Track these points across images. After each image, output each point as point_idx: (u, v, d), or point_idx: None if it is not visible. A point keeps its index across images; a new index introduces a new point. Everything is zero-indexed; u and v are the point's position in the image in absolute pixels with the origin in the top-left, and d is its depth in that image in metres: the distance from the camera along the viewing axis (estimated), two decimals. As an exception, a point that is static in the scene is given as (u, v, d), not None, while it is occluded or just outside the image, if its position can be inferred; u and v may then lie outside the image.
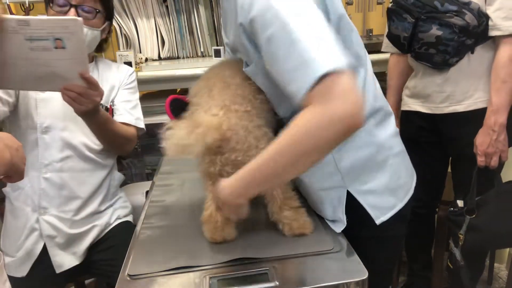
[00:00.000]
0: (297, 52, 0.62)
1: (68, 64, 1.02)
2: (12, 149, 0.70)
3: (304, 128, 0.63)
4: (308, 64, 0.61)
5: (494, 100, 1.30)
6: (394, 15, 1.41)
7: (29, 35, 0.96)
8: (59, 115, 1.23)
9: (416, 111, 1.52)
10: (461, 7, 1.26)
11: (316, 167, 0.86)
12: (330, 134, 0.62)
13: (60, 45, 0.98)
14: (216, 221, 0.83)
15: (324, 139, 0.63)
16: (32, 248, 1.23)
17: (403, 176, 0.93)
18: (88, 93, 1.06)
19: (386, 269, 1.03)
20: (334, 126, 0.61)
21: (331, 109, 0.61)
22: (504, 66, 1.28)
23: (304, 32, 0.62)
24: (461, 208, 1.42)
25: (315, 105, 0.62)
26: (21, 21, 0.94)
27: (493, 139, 1.32)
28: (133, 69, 1.42)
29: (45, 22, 0.96)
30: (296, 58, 0.63)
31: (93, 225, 1.29)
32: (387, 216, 0.88)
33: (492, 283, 1.92)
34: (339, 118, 0.61)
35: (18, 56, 0.99)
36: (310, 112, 0.62)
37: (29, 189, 1.23)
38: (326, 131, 0.62)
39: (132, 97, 1.38)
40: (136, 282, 0.75)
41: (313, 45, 0.62)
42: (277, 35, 0.64)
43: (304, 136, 0.63)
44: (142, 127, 1.38)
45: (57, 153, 1.22)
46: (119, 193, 1.42)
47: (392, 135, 0.91)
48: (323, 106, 0.61)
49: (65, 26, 0.96)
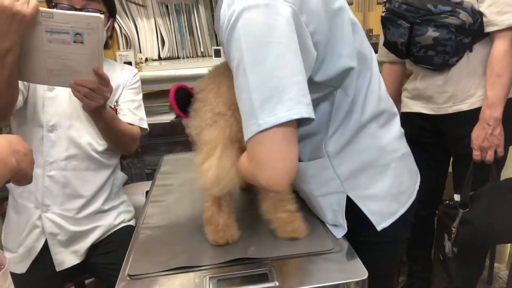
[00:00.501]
0: (248, 100, 0.65)
1: (84, 59, 1.03)
2: (19, 155, 0.68)
3: (243, 170, 0.72)
4: (250, 116, 0.65)
5: (489, 94, 1.31)
6: (388, 23, 1.42)
7: (50, 28, 0.97)
8: (65, 114, 1.24)
9: (417, 112, 1.51)
10: (454, 7, 1.27)
11: (313, 174, 0.86)
12: (259, 184, 0.70)
13: (79, 40, 0.99)
14: (217, 224, 0.83)
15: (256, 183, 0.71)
16: (33, 245, 1.23)
17: (406, 181, 0.90)
18: (100, 88, 1.08)
19: (387, 273, 1.01)
20: (259, 183, 0.69)
21: (254, 173, 0.68)
22: (499, 60, 1.28)
23: (259, 83, 0.64)
24: (456, 202, 1.43)
25: (247, 157, 0.69)
26: (45, 13, 0.95)
27: (488, 133, 1.32)
28: (137, 70, 1.43)
29: (69, 17, 0.97)
30: (247, 104, 0.65)
31: (96, 225, 1.30)
32: (389, 222, 0.87)
33: (492, 283, 1.92)
34: (261, 182, 0.68)
35: (34, 48, 0.99)
36: (246, 161, 0.70)
37: (32, 186, 1.23)
38: (255, 182, 0.70)
39: (136, 98, 1.40)
40: (136, 282, 0.75)
41: (260, 98, 0.64)
42: (240, 77, 0.66)
43: (245, 174, 0.73)
44: (145, 127, 1.40)
45: (62, 151, 1.23)
46: (122, 195, 1.43)
47: (396, 138, 0.89)
48: (251, 165, 0.68)
49: (88, 23, 0.98)
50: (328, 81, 0.78)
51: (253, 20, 0.64)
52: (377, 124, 0.85)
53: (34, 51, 1.00)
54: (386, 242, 0.89)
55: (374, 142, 0.85)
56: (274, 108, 0.63)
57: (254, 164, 0.67)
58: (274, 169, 0.65)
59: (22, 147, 0.70)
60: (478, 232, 1.41)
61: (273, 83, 0.63)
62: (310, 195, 0.89)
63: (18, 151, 0.68)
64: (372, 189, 0.86)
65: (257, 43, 0.64)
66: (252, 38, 0.64)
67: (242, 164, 0.72)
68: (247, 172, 0.71)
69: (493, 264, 1.94)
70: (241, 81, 0.65)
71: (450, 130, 1.47)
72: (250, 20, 0.64)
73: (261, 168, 0.66)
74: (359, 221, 0.86)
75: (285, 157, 0.65)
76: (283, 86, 0.63)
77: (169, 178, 1.24)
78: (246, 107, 0.65)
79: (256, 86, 0.64)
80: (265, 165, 0.65)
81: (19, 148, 0.69)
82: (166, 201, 1.08)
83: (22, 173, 0.70)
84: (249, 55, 0.64)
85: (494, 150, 1.34)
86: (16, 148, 0.68)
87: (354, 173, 0.85)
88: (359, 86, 0.82)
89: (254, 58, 0.64)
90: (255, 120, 0.64)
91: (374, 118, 0.85)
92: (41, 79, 1.07)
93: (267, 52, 0.63)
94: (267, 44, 0.64)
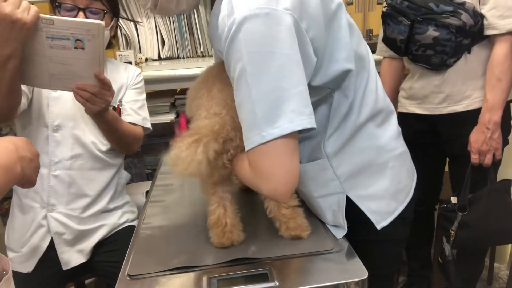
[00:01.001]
0: (251, 111, 0.66)
1: (85, 64, 1.04)
2: (25, 161, 0.66)
3: (243, 175, 0.75)
4: (252, 127, 0.66)
5: (488, 97, 1.31)
6: (389, 19, 1.41)
7: (51, 34, 0.97)
8: (70, 114, 1.24)
9: (412, 113, 1.51)
10: (456, 8, 1.26)
11: (312, 176, 0.86)
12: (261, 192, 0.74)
13: (80, 46, 1.00)
14: (225, 225, 0.83)
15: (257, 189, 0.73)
16: (38, 245, 1.23)
17: (404, 179, 0.91)
18: (102, 93, 1.09)
19: (387, 272, 1.01)
20: (260, 192, 0.73)
21: (257, 182, 0.71)
22: (499, 64, 1.28)
23: (261, 94, 0.64)
24: (454, 205, 1.43)
25: (250, 166, 0.71)
26: (45, 20, 0.96)
27: (487, 137, 1.32)
28: (140, 70, 1.44)
29: (69, 23, 0.97)
30: (249, 115, 0.66)
31: (102, 224, 1.31)
32: (388, 221, 0.87)
33: (492, 283, 1.92)
34: (264, 192, 0.71)
35: (35, 53, 1.00)
36: (249, 170, 0.72)
37: (38, 186, 1.23)
38: (257, 190, 0.74)
39: (139, 97, 1.40)
40: (136, 282, 0.75)
41: (263, 109, 0.64)
42: (242, 88, 0.66)
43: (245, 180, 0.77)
44: (148, 127, 1.40)
45: (67, 151, 1.24)
46: (126, 195, 1.44)
47: (393, 136, 0.89)
48: (254, 174, 0.70)
49: (88, 29, 0.98)
50: (325, 84, 0.79)
51: (254, 30, 0.64)
52: (374, 123, 0.86)
53: (36, 56, 1.01)
54: (385, 241, 0.90)
55: (372, 142, 0.85)
56: (277, 120, 0.64)
57: (257, 174, 0.69)
58: (276, 182, 0.68)
59: (29, 152, 0.69)
60: (477, 236, 1.41)
61: (276, 95, 0.64)
62: (309, 196, 0.89)
63: (24, 158, 0.66)
64: (371, 189, 0.86)
65: (260, 54, 0.64)
66: (254, 49, 0.64)
67: (245, 171, 0.73)
68: (249, 180, 0.73)
69: (493, 264, 1.94)
70: (243, 92, 0.66)
71: (445, 130, 1.47)
72: (251, 30, 0.64)
73: (263, 179, 0.68)
74: (359, 220, 0.86)
75: (287, 170, 0.67)
76: (285, 98, 0.64)
77: (169, 178, 1.24)
78: (249, 118, 0.66)
79: (259, 97, 0.64)
80: (268, 177, 0.68)
81: (25, 153, 0.67)
82: (166, 201, 1.08)
83: (26, 179, 0.68)
84: (252, 66, 0.64)
85: (493, 154, 1.34)
86: (22, 154, 0.66)
87: (353, 173, 0.85)
88: (357, 87, 0.82)
89: (256, 69, 0.64)
90: (258, 131, 0.65)
91: (371, 118, 0.85)
92: (43, 83, 1.08)
93: (270, 63, 0.64)
94: (269, 55, 0.64)
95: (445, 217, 1.47)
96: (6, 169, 0.61)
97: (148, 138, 1.84)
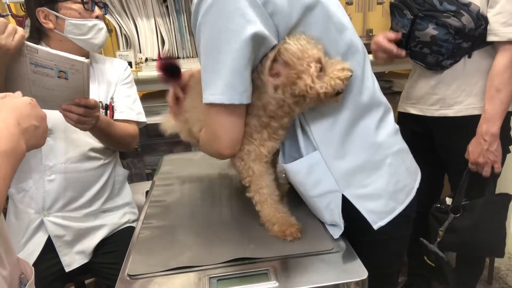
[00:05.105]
0: (202, 76, 0.76)
1: (68, 92, 1.04)
2: (29, 133, 0.60)
3: (203, 137, 0.87)
4: (205, 87, 0.76)
5: (487, 108, 1.27)
6: (396, 10, 1.39)
7: (34, 61, 0.98)
8: (60, 117, 1.23)
9: (408, 113, 1.50)
10: (460, 8, 1.23)
11: (307, 172, 0.85)
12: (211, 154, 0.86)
13: (63, 76, 1.01)
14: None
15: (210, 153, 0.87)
16: (33, 249, 1.23)
17: (403, 178, 0.90)
18: (88, 112, 1.09)
19: (387, 271, 1.00)
20: (209, 153, 0.86)
21: (207, 142, 0.84)
22: (499, 75, 1.24)
23: (207, 64, 0.75)
24: (448, 206, 1.39)
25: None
26: (30, 48, 0.96)
27: (484, 148, 1.28)
28: (127, 63, 1.43)
29: (53, 56, 0.98)
30: (203, 75, 0.76)
31: (102, 224, 1.31)
32: (386, 221, 0.86)
33: (492, 283, 1.92)
34: (211, 151, 0.84)
35: (19, 75, 1.00)
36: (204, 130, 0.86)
37: (33, 192, 1.23)
38: (208, 151, 0.87)
39: (130, 92, 1.39)
40: (136, 282, 0.75)
41: (207, 77, 0.75)
42: (200, 57, 0.77)
43: (201, 144, 0.89)
44: (143, 120, 1.40)
45: (61, 155, 1.23)
46: (128, 195, 1.43)
47: (390, 134, 0.89)
48: (206, 133, 0.83)
49: (72, 64, 0.99)
50: None
51: (211, 6, 0.71)
52: (371, 121, 0.85)
53: (20, 78, 1.01)
54: (384, 240, 0.89)
55: (369, 141, 0.85)
56: (213, 89, 0.74)
57: (208, 132, 0.82)
58: (220, 143, 0.79)
59: (34, 119, 0.61)
60: (463, 243, 1.39)
61: (217, 67, 0.73)
62: (306, 196, 0.89)
63: (27, 129, 0.59)
64: (368, 188, 0.85)
65: (213, 29, 0.72)
66: (209, 26, 0.72)
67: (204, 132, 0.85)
68: (205, 140, 0.85)
69: (493, 264, 1.94)
70: (200, 61, 0.76)
71: (438, 134, 1.45)
72: (209, 6, 0.71)
73: (210, 139, 0.81)
74: (356, 220, 0.85)
75: (231, 135, 0.79)
76: (223, 71, 0.72)
77: (169, 178, 1.24)
78: (203, 78, 0.76)
79: (205, 65, 0.75)
80: (214, 137, 0.79)
81: (30, 122, 0.60)
82: (166, 201, 1.08)
83: (33, 148, 0.62)
84: (206, 36, 0.73)
85: (492, 166, 1.30)
86: (25, 125, 0.59)
87: (348, 170, 0.84)
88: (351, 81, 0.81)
89: (209, 40, 0.73)
90: (205, 92, 0.75)
91: (368, 115, 0.85)
92: None
93: (220, 35, 0.72)
94: (220, 30, 0.71)
95: (435, 217, 1.43)
96: (8, 154, 0.54)
97: (148, 138, 1.84)
